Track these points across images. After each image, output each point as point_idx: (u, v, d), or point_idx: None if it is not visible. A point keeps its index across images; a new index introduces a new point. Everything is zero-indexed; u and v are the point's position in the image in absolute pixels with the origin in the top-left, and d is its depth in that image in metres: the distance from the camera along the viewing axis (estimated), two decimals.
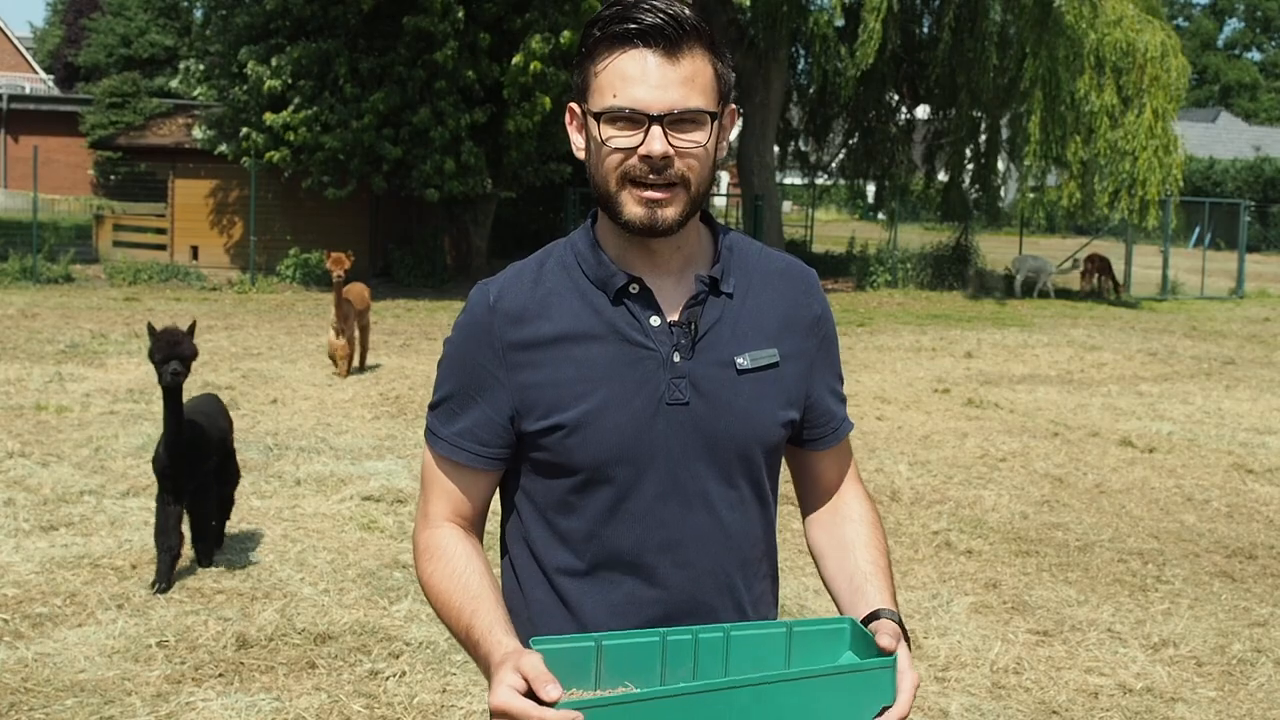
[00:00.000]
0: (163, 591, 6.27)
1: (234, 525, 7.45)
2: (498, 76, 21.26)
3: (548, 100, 20.95)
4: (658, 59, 1.91)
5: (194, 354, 6.37)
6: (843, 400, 2.26)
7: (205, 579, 6.51)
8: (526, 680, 1.71)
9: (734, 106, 2.04)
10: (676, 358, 2.00)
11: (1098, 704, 5.32)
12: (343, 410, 11.18)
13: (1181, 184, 25.57)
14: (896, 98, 29.74)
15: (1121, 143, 23.86)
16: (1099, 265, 26.38)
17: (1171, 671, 5.72)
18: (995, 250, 29.57)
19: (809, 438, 2.21)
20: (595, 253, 2.05)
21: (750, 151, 25.91)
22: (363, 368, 13.42)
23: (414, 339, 16.50)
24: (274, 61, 20.97)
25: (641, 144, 1.91)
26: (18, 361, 13.05)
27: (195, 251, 24.43)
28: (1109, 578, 7.13)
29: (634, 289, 2.02)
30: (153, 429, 9.59)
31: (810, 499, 2.30)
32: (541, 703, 1.69)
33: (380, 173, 21.91)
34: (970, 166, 28.14)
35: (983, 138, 27.97)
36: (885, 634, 1.91)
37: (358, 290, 13.31)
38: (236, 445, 9.50)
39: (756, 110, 25.24)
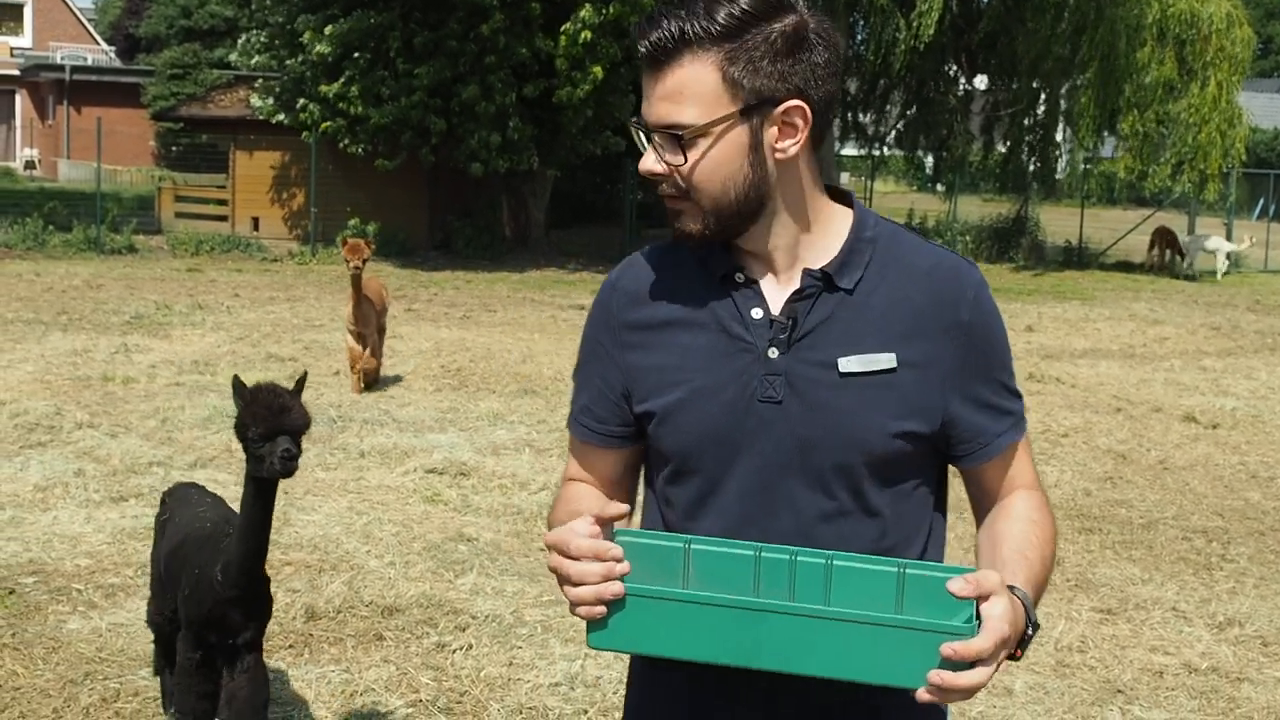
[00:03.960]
0: None
1: (299, 497, 7.53)
2: (551, 50, 21.24)
3: (599, 69, 20.90)
4: (649, 72, 1.87)
5: (308, 424, 3.58)
6: (1005, 412, 1.98)
7: (273, 551, 6.59)
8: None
9: (797, 103, 1.86)
10: (773, 353, 1.90)
11: (1162, 683, 5.31)
12: (405, 383, 11.28)
13: (1245, 156, 25.20)
14: (955, 68, 29.45)
15: (1184, 115, 23.55)
16: (1166, 239, 26.00)
17: (1237, 651, 5.69)
18: (1055, 222, 29.27)
19: (955, 454, 1.99)
20: None
21: None
22: (375, 380, 10.97)
23: (474, 310, 16.58)
24: (328, 30, 21.04)
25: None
26: (84, 332, 13.23)
27: (256, 223, 24.60)
28: (1173, 556, 7.09)
29: (739, 278, 1.94)
30: (218, 399, 9.68)
31: (978, 510, 2.07)
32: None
33: (428, 145, 22.00)
34: (1029, 138, 27.86)
35: (1041, 109, 27.67)
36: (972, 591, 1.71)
37: (374, 287, 11.25)
38: None
39: None
